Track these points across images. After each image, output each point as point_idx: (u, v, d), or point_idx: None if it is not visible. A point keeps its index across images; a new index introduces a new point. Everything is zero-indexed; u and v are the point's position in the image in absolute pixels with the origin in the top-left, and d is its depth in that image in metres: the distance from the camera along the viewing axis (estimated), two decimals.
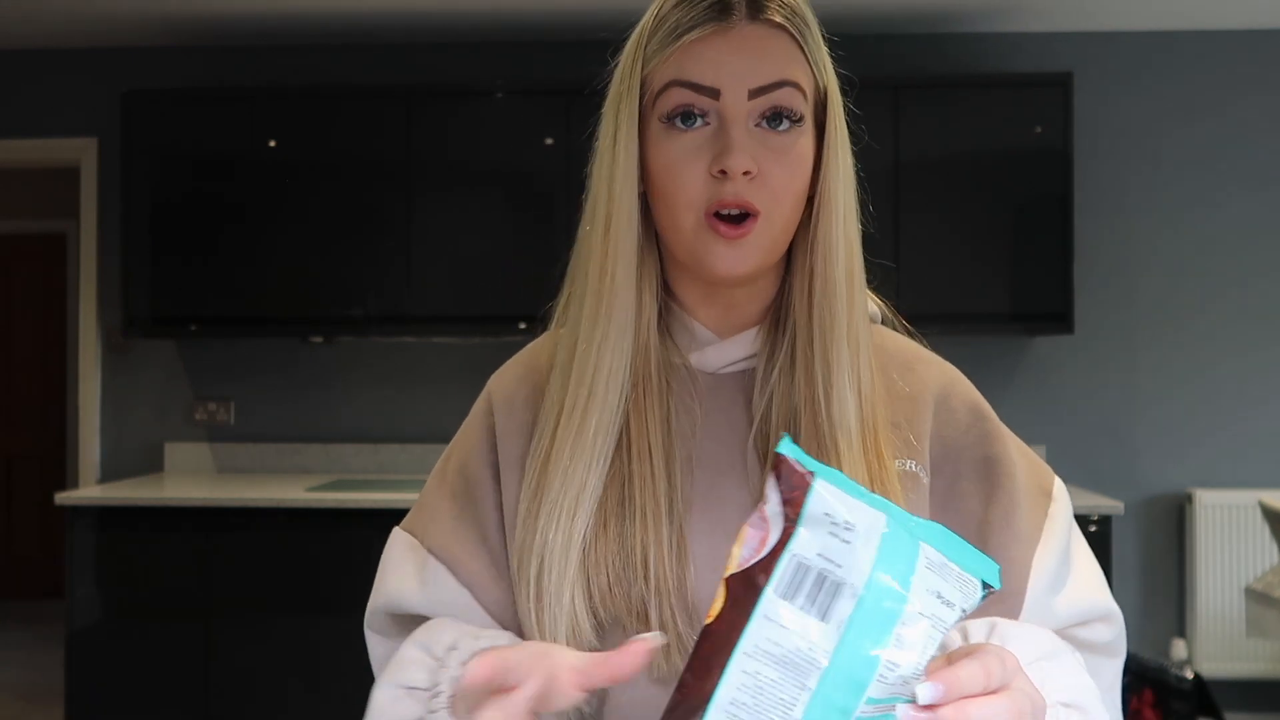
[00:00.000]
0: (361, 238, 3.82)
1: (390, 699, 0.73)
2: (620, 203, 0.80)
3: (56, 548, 5.66)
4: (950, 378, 0.89)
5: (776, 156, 0.78)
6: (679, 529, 0.79)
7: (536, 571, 0.78)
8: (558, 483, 0.79)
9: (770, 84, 0.78)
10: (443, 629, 0.78)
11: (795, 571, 0.56)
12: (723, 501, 0.81)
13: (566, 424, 0.80)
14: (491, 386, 0.91)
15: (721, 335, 0.86)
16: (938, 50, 4.03)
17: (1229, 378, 3.98)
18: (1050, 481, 0.87)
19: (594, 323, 0.81)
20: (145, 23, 3.95)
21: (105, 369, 4.20)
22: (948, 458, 0.85)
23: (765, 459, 0.81)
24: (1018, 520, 0.82)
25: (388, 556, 0.88)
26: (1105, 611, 0.85)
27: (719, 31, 0.78)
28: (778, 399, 0.83)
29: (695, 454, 0.82)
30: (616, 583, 0.77)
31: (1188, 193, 4.00)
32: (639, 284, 0.82)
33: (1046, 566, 0.82)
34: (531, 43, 4.10)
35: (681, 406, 0.83)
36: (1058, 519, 0.85)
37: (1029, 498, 0.84)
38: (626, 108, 0.80)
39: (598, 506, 0.79)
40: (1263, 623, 3.10)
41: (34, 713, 4.17)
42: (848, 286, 0.81)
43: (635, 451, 0.80)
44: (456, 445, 0.91)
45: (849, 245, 0.82)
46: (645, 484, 0.79)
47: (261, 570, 3.40)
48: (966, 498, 0.84)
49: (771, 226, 0.79)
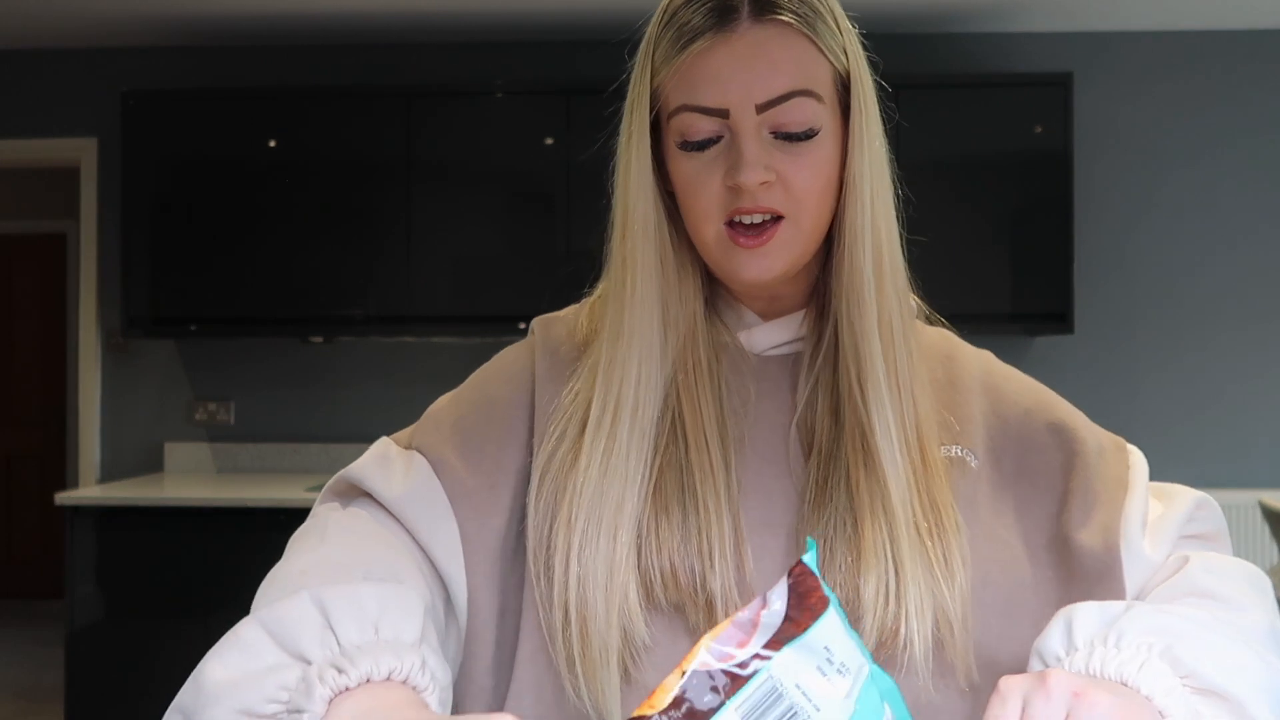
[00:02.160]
0: (361, 238, 3.82)
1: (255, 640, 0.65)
2: (634, 214, 0.80)
3: (56, 548, 5.66)
4: (988, 359, 0.90)
5: (794, 160, 0.76)
6: (736, 516, 0.77)
7: (577, 582, 0.75)
8: (588, 493, 0.76)
9: (778, 96, 0.75)
10: (351, 608, 0.65)
11: (768, 695, 0.51)
12: (770, 491, 0.80)
13: (595, 434, 0.78)
14: (538, 333, 0.89)
15: (767, 318, 0.85)
16: (938, 50, 4.03)
17: (1229, 378, 3.98)
18: (1119, 440, 0.85)
19: (617, 335, 0.80)
20: (145, 23, 3.95)
21: (105, 369, 4.20)
22: (1008, 434, 0.83)
23: (809, 450, 0.80)
24: (1101, 482, 0.80)
25: (366, 452, 0.84)
26: (1197, 502, 0.81)
27: (722, 39, 0.75)
28: (822, 386, 0.81)
29: (748, 435, 0.81)
30: (681, 569, 0.75)
31: (1188, 193, 4.00)
32: (668, 284, 0.81)
33: (1134, 518, 0.78)
34: (531, 43, 4.10)
35: (733, 384, 0.82)
36: (1136, 469, 0.82)
37: (1107, 456, 0.82)
38: (638, 118, 0.79)
39: (656, 492, 0.77)
40: None
41: (34, 713, 4.17)
42: (876, 275, 0.79)
43: (692, 440, 0.78)
44: (483, 372, 0.89)
45: (876, 233, 0.79)
46: (705, 475, 0.77)
47: (261, 570, 3.39)
48: (1043, 468, 0.82)
49: (798, 228, 0.78)
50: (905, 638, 0.72)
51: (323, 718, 0.59)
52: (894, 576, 0.73)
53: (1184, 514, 0.80)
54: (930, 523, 0.76)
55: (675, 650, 0.75)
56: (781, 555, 0.78)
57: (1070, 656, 0.65)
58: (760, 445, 0.81)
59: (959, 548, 0.76)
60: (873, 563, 0.73)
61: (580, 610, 0.74)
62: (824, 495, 0.77)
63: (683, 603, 0.75)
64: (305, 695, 0.60)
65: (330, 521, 0.79)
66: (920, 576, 0.73)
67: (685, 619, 0.75)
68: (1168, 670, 0.62)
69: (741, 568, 0.76)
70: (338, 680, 0.60)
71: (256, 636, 0.65)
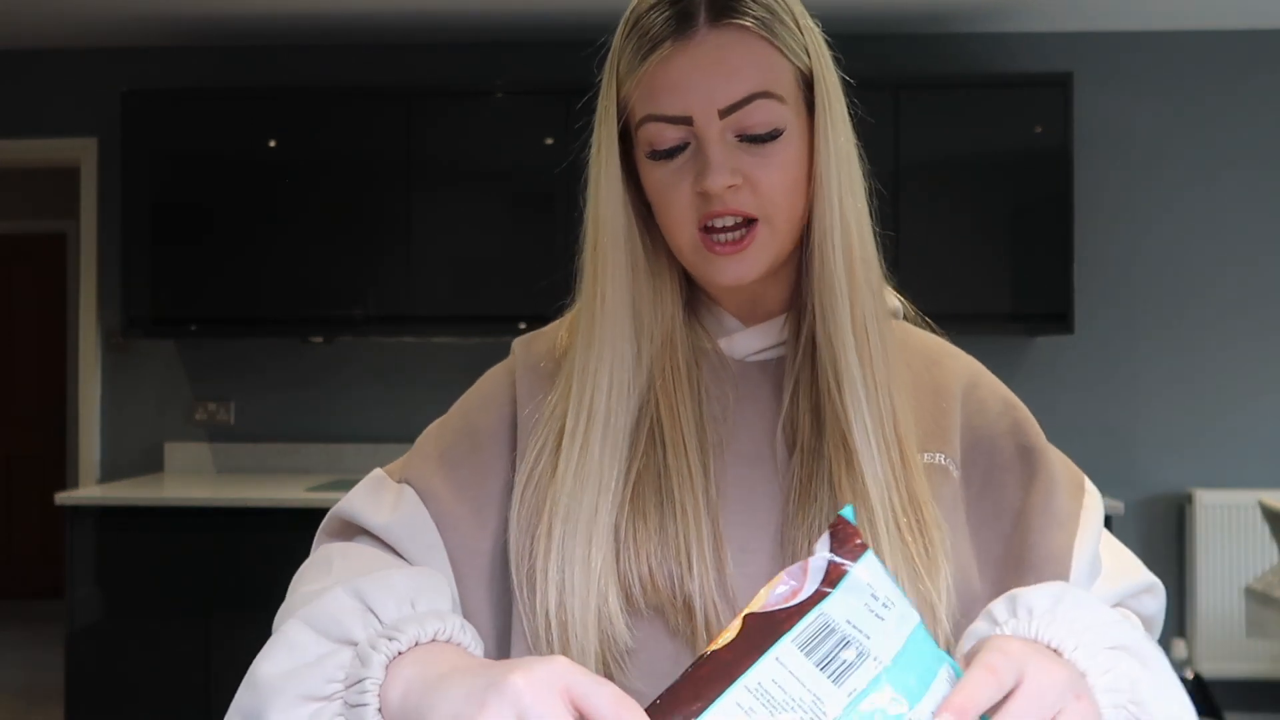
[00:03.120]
0: (361, 238, 3.82)
1: (311, 642, 0.67)
2: (605, 224, 0.81)
3: (56, 548, 5.66)
4: (976, 369, 0.90)
5: (761, 161, 0.77)
6: (715, 521, 0.78)
7: (556, 589, 0.76)
8: (565, 502, 0.78)
9: (740, 100, 0.76)
10: (385, 590, 0.69)
11: (820, 630, 0.56)
12: (754, 493, 0.80)
13: (569, 444, 0.79)
14: (518, 353, 0.91)
15: (748, 323, 0.86)
16: (938, 50, 4.03)
17: (1229, 378, 3.98)
18: (1082, 478, 0.87)
19: (589, 344, 0.81)
20: (145, 23, 3.95)
21: (105, 369, 4.20)
22: (980, 447, 0.84)
23: (793, 449, 0.81)
24: (1056, 508, 0.81)
25: (358, 485, 0.87)
26: (1149, 584, 0.84)
27: (681, 46, 0.76)
28: (803, 387, 0.82)
29: (728, 440, 0.82)
30: (659, 573, 0.76)
31: (1188, 193, 4.00)
32: (641, 292, 0.82)
33: (1085, 553, 0.80)
34: (531, 43, 4.10)
35: (713, 390, 0.83)
36: (1091, 510, 0.84)
37: (1065, 487, 0.83)
38: (605, 130, 0.81)
39: (633, 497, 0.78)
40: (1263, 623, 3.10)
41: (34, 713, 4.17)
42: (847, 270, 0.79)
43: (670, 444, 0.80)
44: (466, 399, 0.90)
45: (846, 229, 0.79)
46: (683, 480, 0.78)
47: (261, 570, 3.40)
48: (1005, 487, 0.83)
49: (773, 228, 0.79)
50: None
51: (384, 681, 0.63)
52: None
53: (1138, 585, 0.83)
54: (910, 518, 0.77)
55: (659, 653, 0.76)
56: (766, 556, 0.78)
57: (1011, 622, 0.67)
58: (742, 449, 0.82)
59: (941, 542, 0.77)
60: None
61: (560, 616, 0.75)
62: (808, 494, 0.78)
63: (662, 606, 0.76)
64: (363, 665, 0.63)
65: (334, 553, 0.81)
66: (901, 571, 0.74)
67: (666, 621, 0.76)
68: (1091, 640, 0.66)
69: (721, 570, 0.77)
70: (390, 647, 0.64)
71: (301, 632, 0.68)
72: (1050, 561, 0.78)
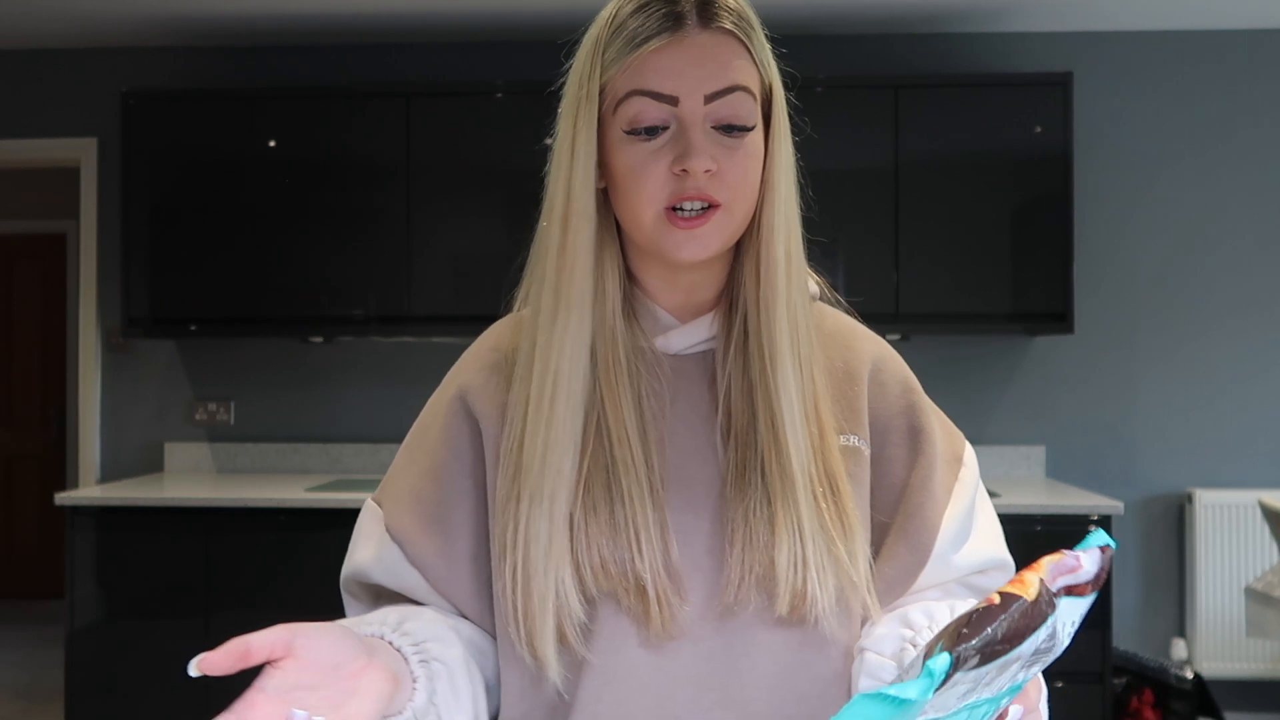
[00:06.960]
0: (361, 238, 3.82)
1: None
2: (578, 202, 0.87)
3: (56, 548, 5.66)
4: (882, 352, 0.98)
5: (732, 155, 0.85)
6: (661, 509, 0.86)
7: (523, 556, 0.84)
8: (535, 469, 0.85)
9: (724, 89, 0.84)
10: (374, 618, 0.86)
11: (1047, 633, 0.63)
12: (693, 480, 0.88)
13: (536, 413, 0.86)
14: (460, 380, 0.99)
15: (682, 319, 0.93)
16: (938, 50, 4.03)
17: (1229, 378, 3.98)
18: (962, 448, 0.98)
19: (553, 315, 0.87)
20: (145, 23, 3.95)
21: (105, 369, 4.20)
22: (877, 425, 0.94)
23: (728, 436, 0.89)
24: (933, 485, 0.92)
25: (359, 527, 0.96)
26: (1001, 561, 0.96)
27: (674, 41, 0.84)
28: (735, 377, 0.89)
29: (667, 434, 0.89)
30: (611, 560, 0.84)
31: (1187, 193, 4.00)
32: (599, 275, 0.88)
33: (951, 526, 0.92)
34: (531, 43, 4.10)
35: (651, 389, 0.90)
36: (966, 482, 0.95)
37: (944, 465, 0.94)
38: (585, 113, 0.87)
39: (584, 490, 0.85)
40: (1263, 623, 3.10)
41: (34, 713, 4.17)
42: (786, 265, 0.88)
43: (615, 437, 0.87)
44: (424, 430, 0.97)
45: (789, 226, 0.89)
46: (629, 469, 0.86)
47: (261, 570, 3.40)
48: (893, 463, 0.94)
49: (731, 217, 0.86)
50: (812, 596, 0.83)
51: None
52: (800, 545, 0.84)
53: (993, 560, 0.95)
54: (825, 488, 0.86)
55: (616, 628, 0.85)
56: (705, 537, 0.87)
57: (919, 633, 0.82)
58: (681, 441, 0.90)
59: (854, 510, 0.87)
60: (784, 536, 0.84)
61: (524, 586, 0.84)
62: (743, 479, 0.87)
63: (614, 589, 0.84)
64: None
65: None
66: (819, 538, 0.84)
67: (619, 602, 0.85)
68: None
69: (668, 553, 0.85)
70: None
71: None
72: (921, 532, 0.91)
